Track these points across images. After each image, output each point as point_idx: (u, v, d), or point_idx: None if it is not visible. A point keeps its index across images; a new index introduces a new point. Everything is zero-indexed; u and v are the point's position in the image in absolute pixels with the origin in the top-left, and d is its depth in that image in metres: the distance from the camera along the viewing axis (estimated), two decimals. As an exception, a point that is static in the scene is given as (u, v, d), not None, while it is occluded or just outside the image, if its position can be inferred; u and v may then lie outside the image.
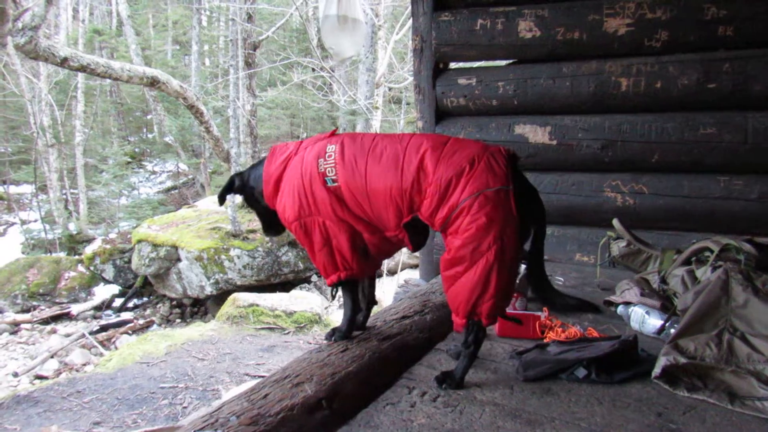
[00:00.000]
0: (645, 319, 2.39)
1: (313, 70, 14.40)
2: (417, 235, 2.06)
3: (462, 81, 3.88)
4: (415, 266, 10.11)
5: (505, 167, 1.86)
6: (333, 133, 2.16)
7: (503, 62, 3.95)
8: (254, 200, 2.32)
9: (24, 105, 14.89)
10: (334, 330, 2.23)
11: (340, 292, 2.37)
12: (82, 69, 10.03)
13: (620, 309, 2.58)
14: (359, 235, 2.06)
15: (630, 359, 2.04)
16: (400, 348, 2.20)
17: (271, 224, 2.34)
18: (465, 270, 1.82)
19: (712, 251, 2.38)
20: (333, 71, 13.17)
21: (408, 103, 15.30)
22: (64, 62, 9.40)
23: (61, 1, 16.08)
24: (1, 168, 16.38)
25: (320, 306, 7.01)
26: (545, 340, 2.27)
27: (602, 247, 3.26)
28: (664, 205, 3.43)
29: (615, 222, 3.16)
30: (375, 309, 2.39)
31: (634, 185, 3.48)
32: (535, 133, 3.68)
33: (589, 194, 3.61)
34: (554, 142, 3.63)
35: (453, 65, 4.10)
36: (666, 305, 2.42)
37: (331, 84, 13.38)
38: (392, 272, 9.52)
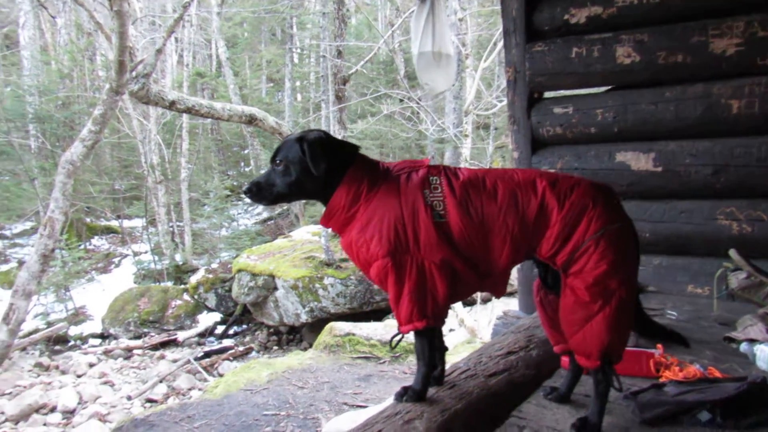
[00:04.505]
0: (773, 359, 2.23)
1: (401, 100, 14.68)
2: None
3: (558, 110, 3.84)
4: (510, 294, 9.90)
5: (619, 202, 1.85)
6: (427, 163, 1.97)
7: (600, 89, 3.87)
8: (309, 173, 1.88)
9: (136, 145, 16.16)
10: (405, 389, 1.97)
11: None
12: (188, 111, 10.76)
13: (744, 347, 2.42)
14: (458, 279, 1.89)
15: (759, 403, 1.90)
16: (507, 385, 2.18)
17: (285, 194, 1.96)
18: (599, 309, 1.74)
19: None
20: (420, 101, 13.37)
21: (496, 128, 15.20)
22: (172, 105, 10.12)
23: (166, 48, 17.41)
24: (116, 204, 17.78)
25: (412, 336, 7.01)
26: (661, 380, 2.17)
27: (718, 278, 3.07)
28: (786, 233, 3.20)
29: (732, 253, 2.97)
30: (458, 337, 2.29)
31: (752, 212, 3.27)
32: (637, 160, 3.56)
33: (700, 222, 3.43)
34: (659, 169, 3.50)
35: (548, 94, 4.07)
36: (797, 343, 2.25)
37: (418, 113, 13.58)
38: (485, 300, 9.38)
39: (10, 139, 16.34)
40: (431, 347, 1.95)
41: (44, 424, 8.21)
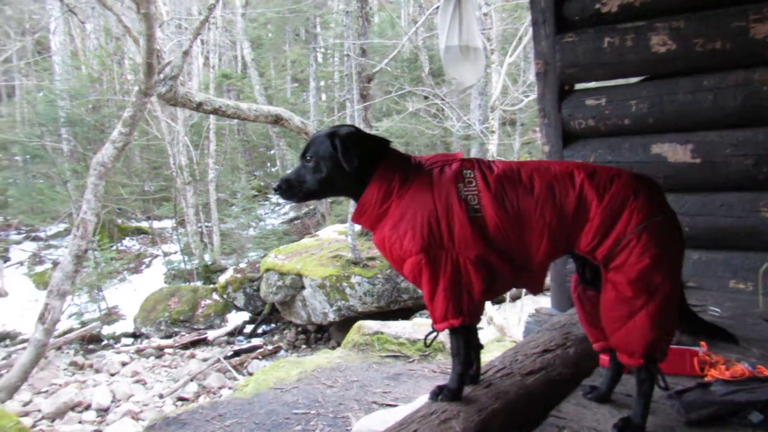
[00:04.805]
0: (825, 356, 2.13)
1: (426, 97, 14.59)
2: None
3: (590, 102, 3.74)
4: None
5: (662, 193, 1.78)
6: (460, 158, 1.92)
7: (633, 80, 3.76)
8: (340, 168, 1.84)
9: (164, 147, 16.38)
10: (440, 388, 1.93)
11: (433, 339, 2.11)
12: (215, 111, 10.86)
13: (793, 344, 2.32)
14: (494, 275, 1.83)
15: (814, 403, 1.81)
16: (544, 384, 2.12)
17: (316, 190, 1.92)
18: (643, 305, 1.68)
19: None
20: (445, 98, 13.27)
21: (523, 124, 15.04)
22: (199, 107, 10.23)
23: (193, 50, 17.61)
24: (146, 205, 18.07)
25: (444, 334, 6.96)
26: (706, 379, 2.08)
27: (764, 273, 2.95)
28: (834, 225, 3.06)
29: (777, 246, 2.85)
30: (489, 337, 2.20)
31: (797, 204, 3.13)
32: (674, 151, 3.44)
33: (741, 215, 3.30)
34: (698, 161, 3.38)
35: (579, 86, 3.97)
36: None
37: (443, 110, 13.50)
38: (515, 298, 9.27)
39: (44, 143, 16.76)
40: (467, 345, 1.92)
41: (79, 422, 8.37)
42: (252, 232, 16.09)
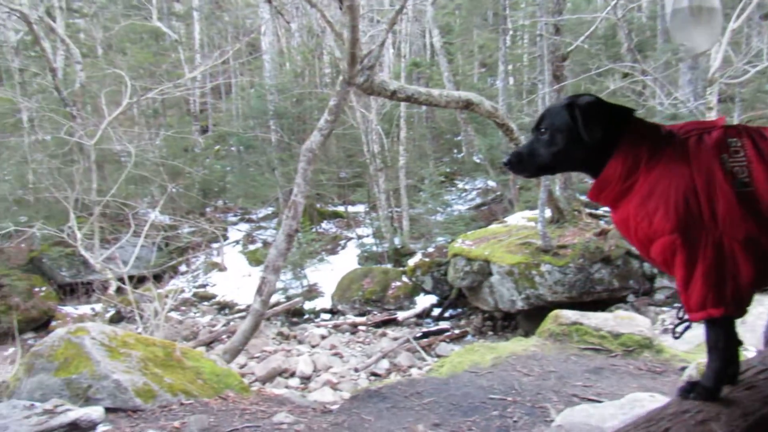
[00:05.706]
0: None
1: (625, 75, 13.49)
2: None
3: None
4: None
5: None
6: (722, 124, 1.67)
7: None
8: (579, 141, 1.72)
9: (359, 136, 17.29)
10: (691, 384, 1.71)
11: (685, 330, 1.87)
12: (408, 99, 11.09)
13: None
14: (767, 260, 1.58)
15: None
16: (822, 393, 1.79)
17: (549, 164, 1.82)
18: None
19: None
20: (647, 74, 12.12)
21: (743, 100, 13.24)
22: (393, 95, 10.51)
23: (386, 41, 18.26)
24: (341, 190, 19.30)
25: (650, 329, 6.40)
26: None
27: None
28: None
29: None
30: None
31: None
32: None
33: None
34: None
35: None
36: None
37: (645, 87, 12.35)
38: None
39: (255, 134, 18.69)
40: (728, 339, 1.66)
41: (286, 387, 9.22)
42: (439, 217, 16.34)
